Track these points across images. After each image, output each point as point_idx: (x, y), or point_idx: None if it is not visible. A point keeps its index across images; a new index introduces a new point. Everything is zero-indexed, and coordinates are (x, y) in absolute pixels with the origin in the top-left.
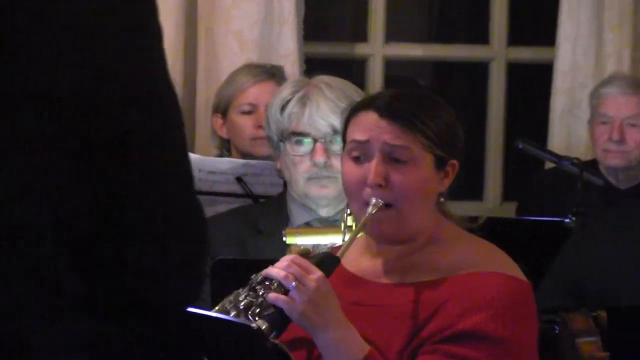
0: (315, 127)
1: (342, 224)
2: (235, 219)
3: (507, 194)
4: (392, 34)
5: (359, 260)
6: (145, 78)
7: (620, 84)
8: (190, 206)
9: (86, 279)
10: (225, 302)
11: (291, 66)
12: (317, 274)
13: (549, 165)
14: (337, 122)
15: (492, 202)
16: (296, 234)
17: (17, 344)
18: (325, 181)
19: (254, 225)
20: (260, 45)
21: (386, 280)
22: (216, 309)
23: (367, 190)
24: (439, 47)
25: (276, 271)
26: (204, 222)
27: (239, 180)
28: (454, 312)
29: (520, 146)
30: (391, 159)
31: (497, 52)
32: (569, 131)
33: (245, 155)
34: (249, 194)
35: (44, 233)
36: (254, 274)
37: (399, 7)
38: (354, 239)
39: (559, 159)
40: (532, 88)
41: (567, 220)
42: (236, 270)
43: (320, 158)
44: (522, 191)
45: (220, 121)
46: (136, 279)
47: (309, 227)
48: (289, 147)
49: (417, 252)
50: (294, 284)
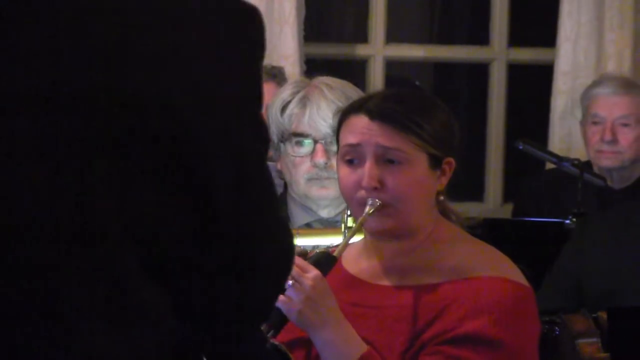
0: (316, 128)
1: (343, 225)
2: None
3: (508, 195)
4: (393, 34)
5: (359, 261)
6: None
7: (611, 84)
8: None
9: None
10: None
11: (292, 67)
12: (313, 272)
13: (549, 166)
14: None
15: (492, 203)
16: (296, 235)
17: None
18: (326, 182)
19: None
20: None
21: (387, 282)
22: None
23: (363, 193)
24: (440, 48)
25: None
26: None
27: None
28: (457, 315)
29: (520, 147)
30: (385, 160)
31: (497, 53)
32: (569, 132)
33: None
34: None
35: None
36: None
37: (399, 8)
38: (351, 237)
39: (559, 159)
40: (532, 89)
41: (567, 222)
42: None
43: (320, 159)
44: (518, 193)
45: None
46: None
47: (309, 228)
48: (289, 148)
49: (418, 252)
50: (290, 282)
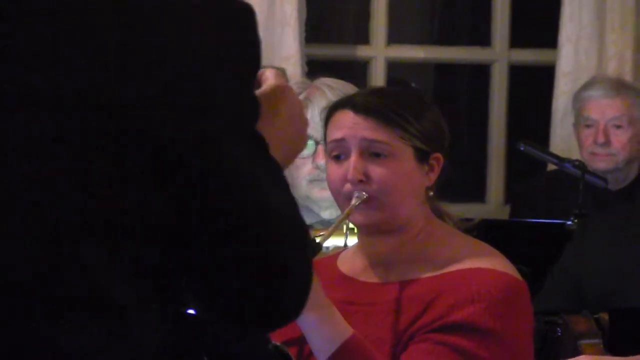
0: (317, 129)
1: (345, 227)
2: None
3: (510, 196)
4: (394, 36)
5: (352, 261)
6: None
7: (601, 86)
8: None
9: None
10: None
11: (293, 68)
12: None
13: (550, 167)
14: None
15: (494, 204)
16: None
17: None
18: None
19: None
20: (262, 47)
21: (377, 279)
22: None
23: (348, 186)
24: (441, 50)
25: None
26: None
27: None
28: (446, 304)
29: (521, 148)
30: (370, 154)
31: (499, 54)
32: (570, 133)
33: None
34: None
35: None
36: None
37: (400, 10)
38: (336, 227)
39: (560, 160)
40: (534, 90)
41: (568, 223)
42: None
43: (322, 160)
44: (516, 194)
45: None
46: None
47: (311, 229)
48: None
49: (408, 247)
50: None
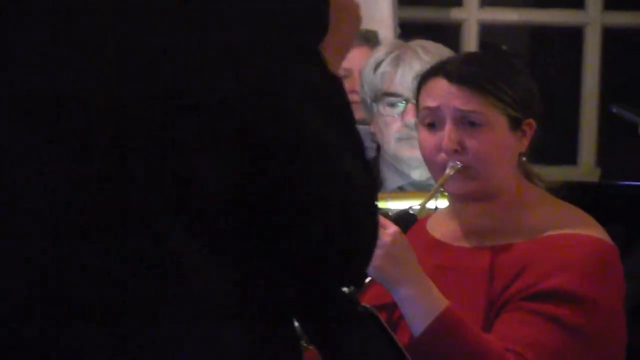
0: (407, 87)
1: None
2: None
3: (601, 158)
4: None
5: (443, 226)
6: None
7: None
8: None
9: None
10: None
11: (385, 31)
12: (392, 228)
13: None
14: None
15: (586, 166)
16: (388, 198)
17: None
18: (416, 142)
19: None
20: None
21: (469, 244)
22: None
23: (443, 156)
24: (534, 12)
25: None
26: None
27: None
28: (540, 271)
29: (613, 110)
30: (464, 123)
31: (592, 17)
32: None
33: None
34: None
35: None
36: None
37: None
38: (431, 197)
39: None
40: (628, 53)
41: None
42: None
43: (411, 118)
44: (609, 157)
45: None
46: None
47: (401, 191)
48: (381, 107)
49: (500, 213)
50: None
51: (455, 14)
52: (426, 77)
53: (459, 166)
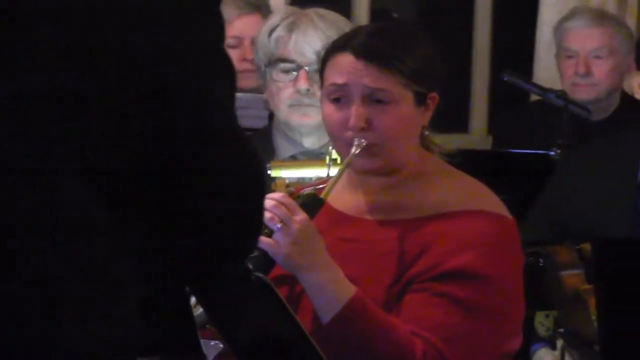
0: (301, 53)
1: (328, 157)
2: None
3: (493, 126)
4: None
5: (344, 196)
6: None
7: (582, 17)
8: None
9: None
10: None
11: None
12: (300, 215)
13: (534, 97)
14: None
15: (477, 134)
16: (281, 167)
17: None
18: (308, 109)
19: None
20: None
21: (373, 217)
22: None
23: (349, 133)
24: None
25: None
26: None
27: None
28: (442, 250)
29: (505, 78)
30: (371, 100)
31: None
32: (554, 64)
33: None
34: None
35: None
36: None
37: None
38: (337, 179)
39: (544, 91)
40: (518, 21)
41: (551, 153)
42: None
43: (303, 85)
44: (500, 124)
45: None
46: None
47: (294, 159)
48: (274, 73)
49: (402, 187)
50: (278, 225)
51: None
52: (332, 51)
53: (364, 143)
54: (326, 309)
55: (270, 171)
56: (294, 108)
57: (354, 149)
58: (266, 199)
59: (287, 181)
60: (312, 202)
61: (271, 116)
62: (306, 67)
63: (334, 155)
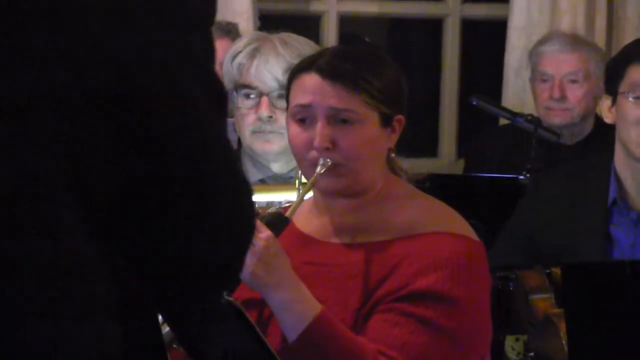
0: (262, 80)
1: (297, 181)
2: None
3: (462, 150)
4: None
5: (310, 219)
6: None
7: (558, 41)
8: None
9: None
10: None
11: (246, 23)
12: (265, 233)
13: (503, 121)
14: (284, 78)
15: (446, 158)
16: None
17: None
18: (270, 136)
19: None
20: None
21: (339, 240)
22: None
23: (314, 153)
24: (394, 4)
25: None
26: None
27: None
28: (409, 272)
29: (474, 103)
30: (336, 120)
31: (451, 9)
32: (523, 88)
33: None
34: None
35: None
36: None
37: None
38: (302, 198)
39: (513, 115)
40: (486, 45)
41: (521, 177)
42: None
43: (264, 112)
44: (470, 149)
45: None
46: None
47: (263, 184)
48: (238, 99)
49: (368, 209)
50: None
51: (314, 5)
52: (297, 71)
53: (329, 164)
54: (292, 327)
55: None
56: (256, 135)
57: (319, 169)
58: None
59: (257, 205)
60: (277, 221)
61: (239, 140)
62: (268, 94)
63: (303, 179)
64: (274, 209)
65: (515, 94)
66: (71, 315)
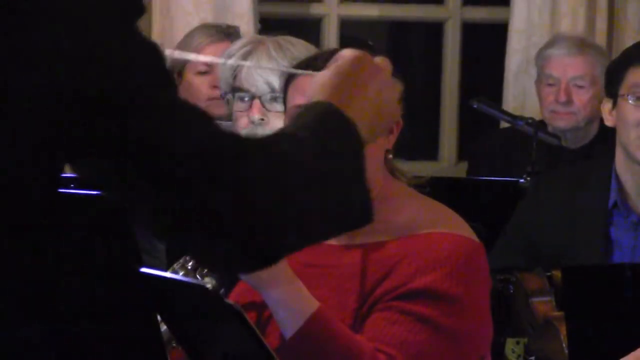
0: (252, 83)
1: None
2: None
3: (462, 153)
4: None
5: None
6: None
7: (565, 44)
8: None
9: None
10: (175, 264)
11: (246, 26)
12: None
13: (503, 125)
14: (276, 82)
15: (447, 161)
16: None
17: None
18: None
19: None
20: (215, 6)
21: (337, 241)
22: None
23: None
24: (394, 7)
25: None
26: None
27: None
28: (408, 271)
29: (475, 106)
30: None
31: (452, 12)
32: (523, 91)
33: None
34: None
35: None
36: None
37: None
38: None
39: (513, 118)
40: (487, 48)
41: (521, 181)
42: None
43: (255, 114)
44: (472, 152)
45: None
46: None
47: None
48: (233, 102)
49: None
50: None
51: (315, 9)
52: (294, 74)
53: None
54: (288, 323)
55: None
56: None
57: None
58: None
59: None
60: None
61: None
62: (260, 97)
63: None
64: None
65: (516, 97)
66: None
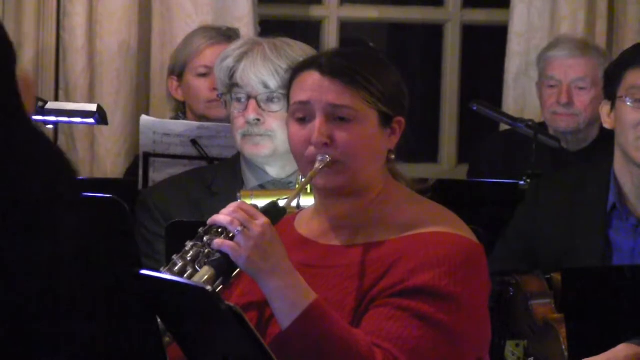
0: (248, 83)
1: (297, 186)
2: (189, 181)
3: (462, 156)
4: None
5: (310, 223)
6: None
7: (567, 46)
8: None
9: None
10: (174, 256)
11: (246, 28)
12: (262, 219)
13: (503, 127)
14: (272, 82)
15: (447, 164)
16: (251, 196)
17: None
18: (258, 139)
19: (209, 187)
20: (215, 8)
21: (337, 242)
22: (167, 265)
23: (312, 149)
24: (394, 9)
25: (222, 217)
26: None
27: (194, 142)
28: (406, 268)
29: (474, 108)
30: (335, 117)
31: (452, 14)
32: (523, 93)
33: (200, 118)
34: (204, 157)
35: None
36: (201, 227)
37: None
38: (300, 191)
39: (513, 121)
40: (486, 50)
41: (521, 183)
42: (191, 232)
43: (251, 114)
44: (473, 154)
45: (175, 84)
46: None
47: (263, 189)
48: (230, 102)
49: (367, 210)
50: (239, 228)
51: (315, 11)
52: (298, 70)
53: (328, 160)
54: (285, 314)
55: (240, 200)
56: (246, 138)
57: (317, 164)
58: (226, 207)
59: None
60: (273, 211)
61: None
62: (256, 97)
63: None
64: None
65: (516, 99)
66: None
